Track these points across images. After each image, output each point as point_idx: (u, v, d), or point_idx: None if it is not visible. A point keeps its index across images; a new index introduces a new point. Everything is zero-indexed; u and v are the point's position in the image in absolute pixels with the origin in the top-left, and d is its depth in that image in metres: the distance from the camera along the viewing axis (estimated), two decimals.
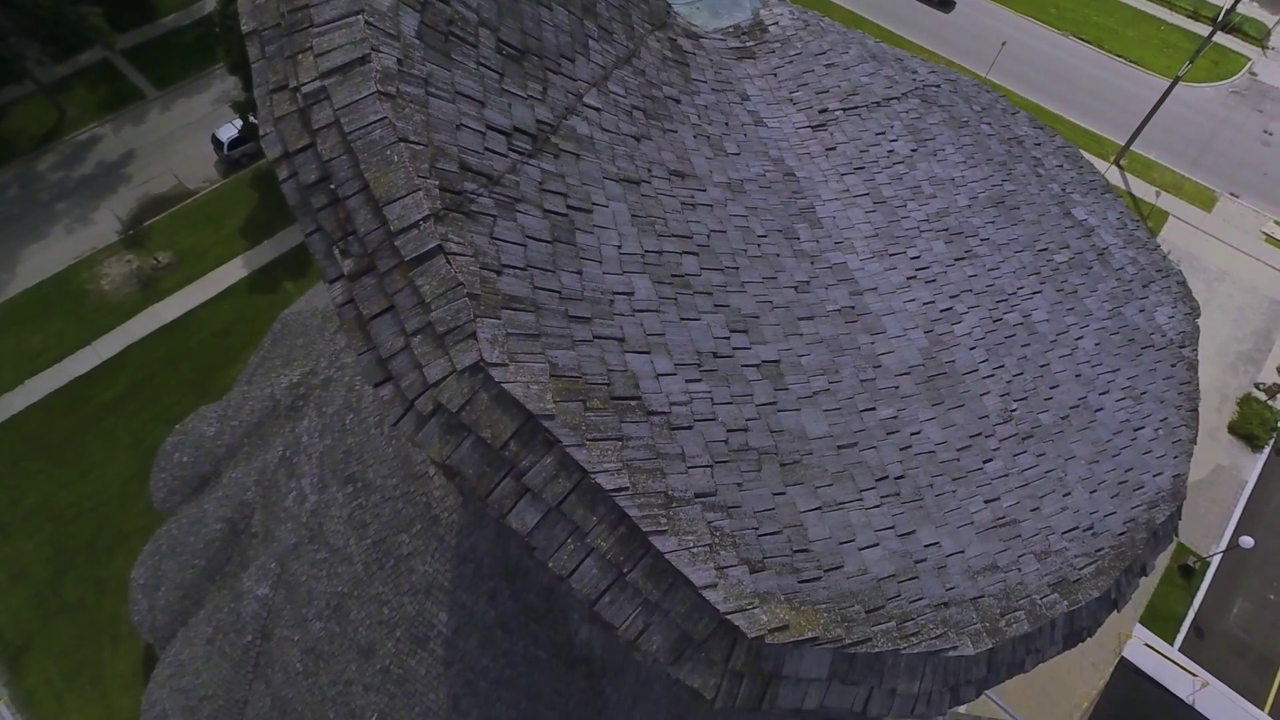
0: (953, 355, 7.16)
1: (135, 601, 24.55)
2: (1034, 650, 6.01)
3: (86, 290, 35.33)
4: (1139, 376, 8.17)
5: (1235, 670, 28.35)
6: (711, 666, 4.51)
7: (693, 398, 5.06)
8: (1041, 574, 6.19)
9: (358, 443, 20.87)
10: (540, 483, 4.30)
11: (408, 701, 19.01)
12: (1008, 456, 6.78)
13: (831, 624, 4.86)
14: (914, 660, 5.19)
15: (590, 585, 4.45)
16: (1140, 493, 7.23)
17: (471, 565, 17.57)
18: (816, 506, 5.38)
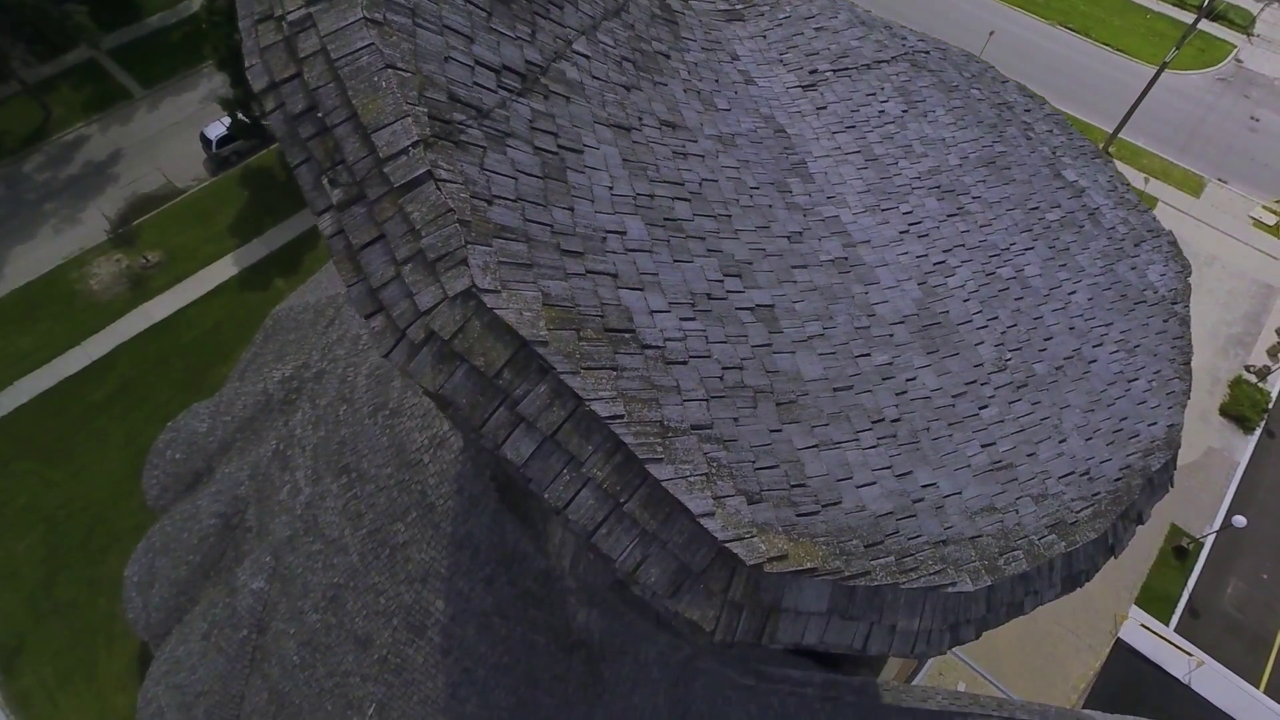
0: (946, 306, 7.15)
1: (129, 599, 24.35)
2: (1033, 592, 6.00)
3: (75, 290, 35.11)
4: (1132, 330, 8.18)
5: (1231, 649, 28.50)
6: (710, 598, 4.47)
7: (687, 335, 5.03)
8: (1039, 516, 6.18)
9: (352, 433, 20.77)
10: (534, 411, 4.25)
11: (405, 691, 18.91)
12: (1003, 403, 6.78)
13: (830, 556, 4.83)
14: (913, 596, 5.17)
15: (587, 516, 4.41)
16: (1135, 441, 7.24)
17: (468, 552, 17.49)
18: (813, 444, 5.36)
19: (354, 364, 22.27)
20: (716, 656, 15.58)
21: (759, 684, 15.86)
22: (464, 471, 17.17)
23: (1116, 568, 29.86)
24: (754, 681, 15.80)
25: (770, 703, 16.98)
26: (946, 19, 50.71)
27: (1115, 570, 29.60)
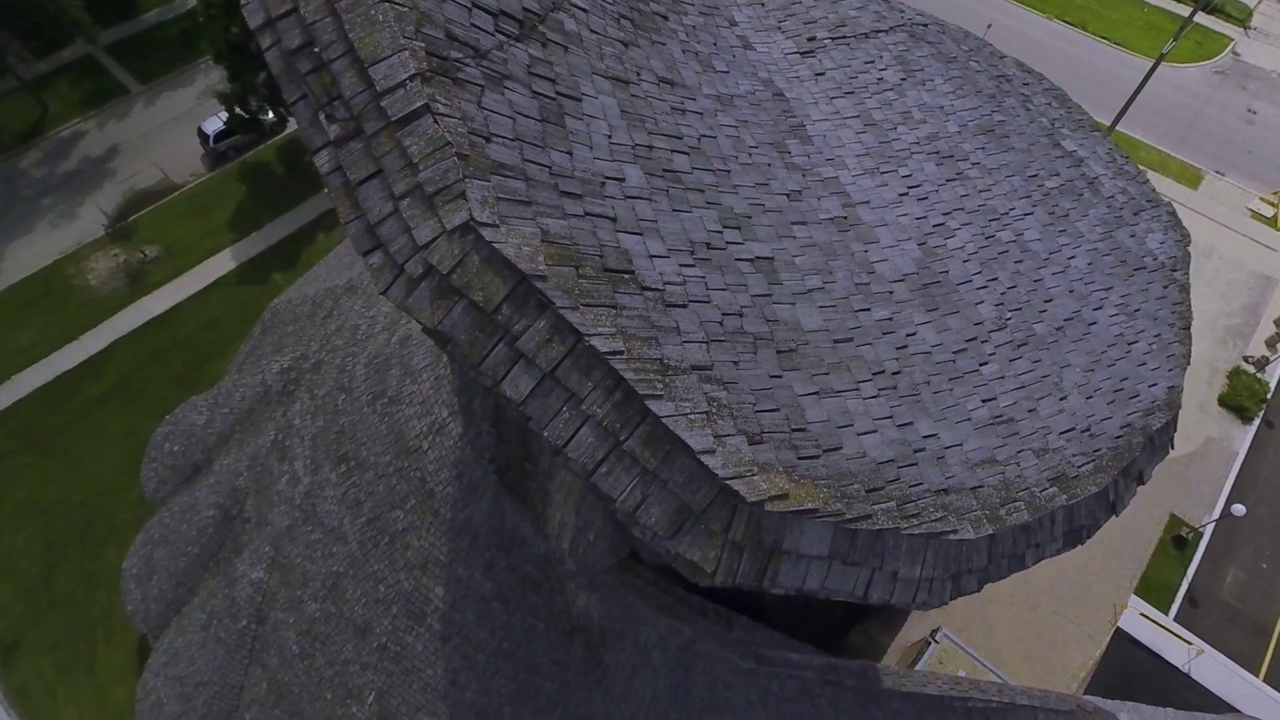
0: (946, 266, 7.13)
1: (128, 592, 24.30)
2: (1034, 545, 5.97)
3: (72, 285, 35.07)
4: (1132, 295, 8.17)
5: (1230, 638, 28.52)
6: (711, 538, 4.44)
7: (687, 280, 4.99)
8: (1040, 469, 6.15)
9: (350, 422, 20.73)
10: (534, 347, 4.22)
11: (405, 678, 18.86)
12: (1004, 361, 6.76)
13: (831, 499, 4.81)
14: (915, 543, 5.14)
15: (587, 454, 4.38)
16: (1136, 400, 7.22)
17: (467, 537, 17.46)
18: (813, 392, 5.33)
19: (352, 354, 22.23)
20: (716, 639, 15.54)
21: (759, 667, 15.83)
22: (463, 457, 17.13)
23: (1116, 557, 29.88)
24: (754, 665, 15.77)
25: (770, 687, 16.95)
26: (943, 12, 50.62)
27: (1115, 560, 29.62)
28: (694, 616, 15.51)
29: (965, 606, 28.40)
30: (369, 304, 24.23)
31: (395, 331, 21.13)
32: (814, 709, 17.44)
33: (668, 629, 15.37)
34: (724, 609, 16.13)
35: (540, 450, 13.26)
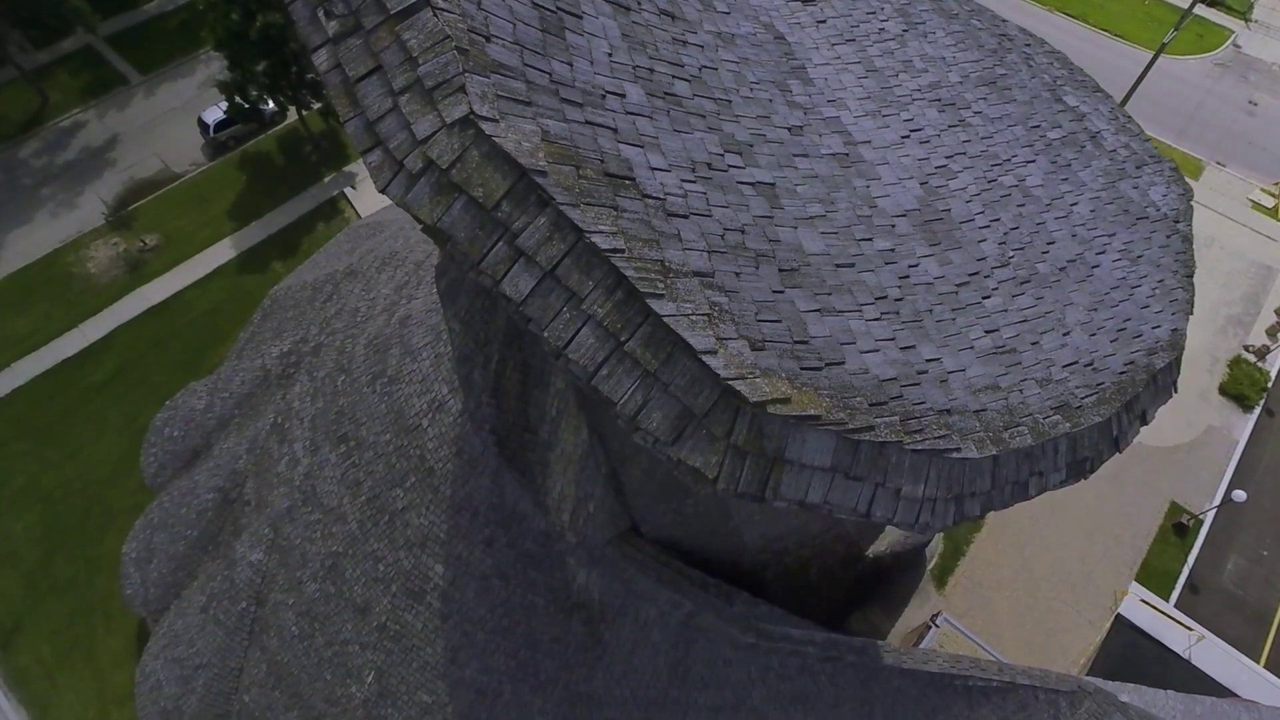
0: (949, 204, 7.09)
1: (127, 575, 24.25)
2: (1038, 473, 5.93)
3: (72, 273, 35.05)
4: (1134, 243, 8.13)
5: (1230, 625, 28.49)
6: (713, 443, 4.40)
7: (688, 194, 4.95)
8: (1043, 398, 6.11)
9: (350, 403, 20.69)
10: (534, 245, 4.18)
11: (405, 657, 18.82)
12: (1006, 296, 6.72)
13: (834, 408, 4.76)
14: (918, 460, 5.10)
15: (588, 355, 4.33)
16: (1139, 340, 7.18)
17: (467, 514, 17.41)
18: (815, 309, 5.29)
19: (352, 335, 22.20)
20: (717, 613, 15.50)
21: (760, 642, 15.79)
22: (463, 434, 17.09)
23: (1117, 544, 29.84)
24: (754, 639, 15.72)
25: (770, 663, 16.91)
26: None
27: (1115, 547, 29.58)
28: (694, 590, 15.46)
29: (966, 592, 28.39)
30: (369, 287, 24.21)
31: (395, 312, 21.10)
32: (815, 686, 17.41)
33: (668, 603, 15.31)
34: (724, 584, 16.10)
35: (540, 420, 13.23)
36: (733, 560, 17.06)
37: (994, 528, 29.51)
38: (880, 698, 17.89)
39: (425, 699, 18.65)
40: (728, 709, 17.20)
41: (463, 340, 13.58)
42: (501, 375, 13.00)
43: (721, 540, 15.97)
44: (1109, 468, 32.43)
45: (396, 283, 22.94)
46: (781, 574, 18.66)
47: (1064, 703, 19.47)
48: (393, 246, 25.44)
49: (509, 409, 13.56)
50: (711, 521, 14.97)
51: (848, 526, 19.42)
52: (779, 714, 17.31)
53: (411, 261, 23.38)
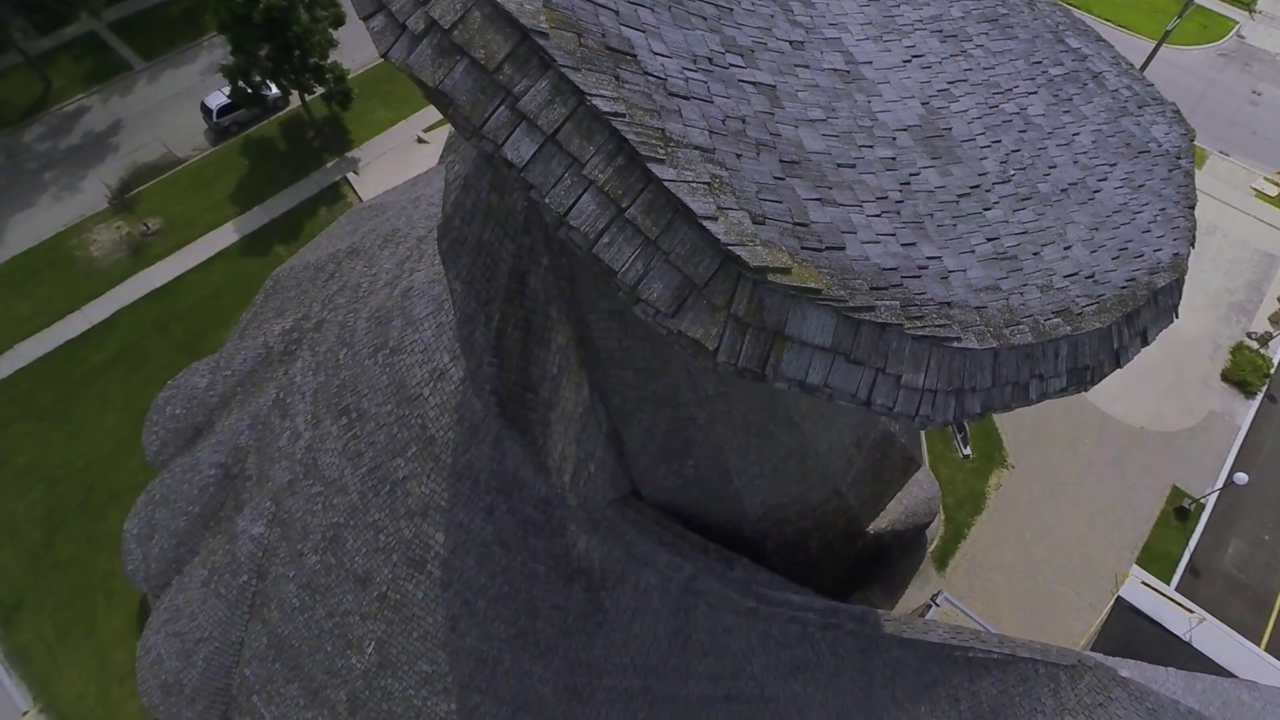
0: (950, 124, 7.09)
1: (128, 552, 24.26)
2: (1038, 375, 5.91)
3: (75, 257, 35.11)
4: (1136, 173, 8.12)
5: (1231, 608, 28.44)
6: (714, 314, 4.39)
7: (689, 80, 4.93)
8: (1044, 302, 6.09)
9: (352, 375, 20.71)
10: (535, 108, 4.18)
11: (405, 627, 18.83)
12: (1007, 209, 6.70)
13: (834, 286, 4.76)
14: (919, 348, 5.09)
15: (589, 222, 4.33)
16: (1140, 260, 7.17)
17: (468, 482, 17.43)
18: (816, 198, 5.28)
19: (354, 310, 22.21)
20: (718, 577, 15.50)
21: (760, 606, 15.79)
22: (465, 401, 17.11)
23: (1118, 528, 29.80)
24: (755, 604, 15.73)
25: (770, 631, 16.90)
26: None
27: (1116, 531, 29.53)
28: (695, 554, 15.47)
29: (966, 575, 28.36)
30: (371, 264, 24.23)
31: (397, 285, 21.11)
32: (815, 655, 17.41)
33: (669, 566, 15.31)
34: (725, 549, 16.11)
35: (542, 378, 13.25)
36: (734, 528, 17.06)
37: (995, 511, 29.49)
38: (880, 668, 17.88)
39: (425, 668, 18.66)
40: (728, 677, 17.20)
41: (465, 300, 13.60)
42: (503, 334, 13.01)
43: (722, 506, 15.97)
44: (1110, 452, 32.29)
45: (398, 258, 22.97)
46: (782, 545, 18.67)
47: (1064, 676, 19.46)
48: (395, 225, 25.46)
49: (510, 368, 13.57)
50: (712, 484, 14.98)
51: (849, 499, 19.41)
52: (779, 683, 17.31)
53: (414, 238, 23.39)
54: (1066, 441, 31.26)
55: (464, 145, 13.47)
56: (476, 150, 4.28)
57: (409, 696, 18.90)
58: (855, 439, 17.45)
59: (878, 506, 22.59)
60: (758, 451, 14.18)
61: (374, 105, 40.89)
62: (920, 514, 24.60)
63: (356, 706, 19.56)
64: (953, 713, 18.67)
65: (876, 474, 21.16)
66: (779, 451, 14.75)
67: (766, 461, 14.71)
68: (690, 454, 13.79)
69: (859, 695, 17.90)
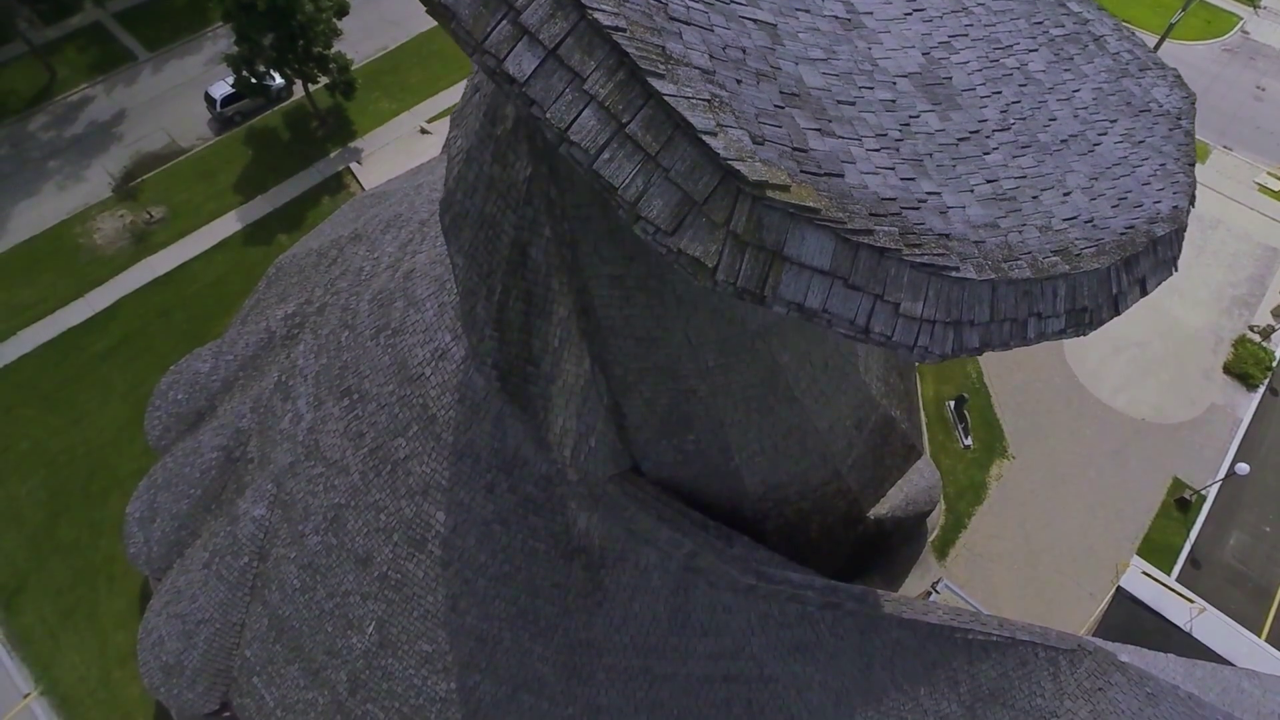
0: (950, 74, 7.11)
1: (130, 535, 24.32)
2: (1036, 313, 5.92)
3: (79, 244, 35.21)
4: (1136, 130, 8.14)
5: (1232, 599, 28.40)
6: (713, 230, 4.42)
7: (690, 9, 4.96)
8: (1042, 241, 6.11)
9: (354, 357, 20.77)
10: (537, 22, 4.20)
11: (405, 607, 18.89)
12: (1007, 155, 6.73)
13: (833, 207, 4.78)
14: (917, 277, 5.11)
15: (589, 138, 4.36)
16: (1140, 210, 7.18)
17: (469, 460, 17.47)
18: (816, 128, 5.30)
19: (356, 293, 22.28)
20: (717, 554, 15.51)
21: (760, 584, 15.80)
22: (466, 380, 17.15)
23: (1118, 518, 29.79)
24: (755, 581, 15.73)
25: (770, 611, 16.91)
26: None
27: (1117, 521, 29.51)
28: (695, 530, 15.48)
29: (966, 564, 28.35)
30: (373, 248, 24.29)
31: (399, 268, 21.17)
32: (814, 635, 17.42)
33: (669, 542, 15.33)
34: (724, 527, 16.12)
35: (543, 351, 13.28)
36: (734, 507, 17.08)
37: (995, 501, 29.48)
38: (879, 649, 17.89)
39: (425, 648, 18.71)
40: (727, 657, 17.23)
41: (467, 274, 13.64)
42: (504, 307, 13.05)
43: (722, 483, 15.99)
44: (1111, 443, 32.22)
45: (400, 241, 23.03)
46: (782, 526, 18.67)
47: (1064, 660, 19.46)
48: (397, 210, 25.53)
49: (512, 342, 13.60)
50: (712, 460, 15.00)
51: (849, 481, 19.41)
52: (778, 663, 17.33)
53: (416, 221, 23.46)
54: (1068, 433, 31.24)
55: (466, 120, 13.50)
56: (478, 66, 4.30)
57: (409, 676, 18.95)
58: (855, 420, 17.47)
59: (878, 492, 22.59)
60: (758, 427, 14.20)
61: (377, 96, 40.98)
62: (921, 502, 24.61)
63: (357, 686, 19.62)
64: (952, 695, 18.68)
65: (877, 458, 21.17)
66: (779, 428, 14.77)
67: (767, 438, 14.73)
68: (691, 428, 13.81)
69: (858, 676, 17.92)
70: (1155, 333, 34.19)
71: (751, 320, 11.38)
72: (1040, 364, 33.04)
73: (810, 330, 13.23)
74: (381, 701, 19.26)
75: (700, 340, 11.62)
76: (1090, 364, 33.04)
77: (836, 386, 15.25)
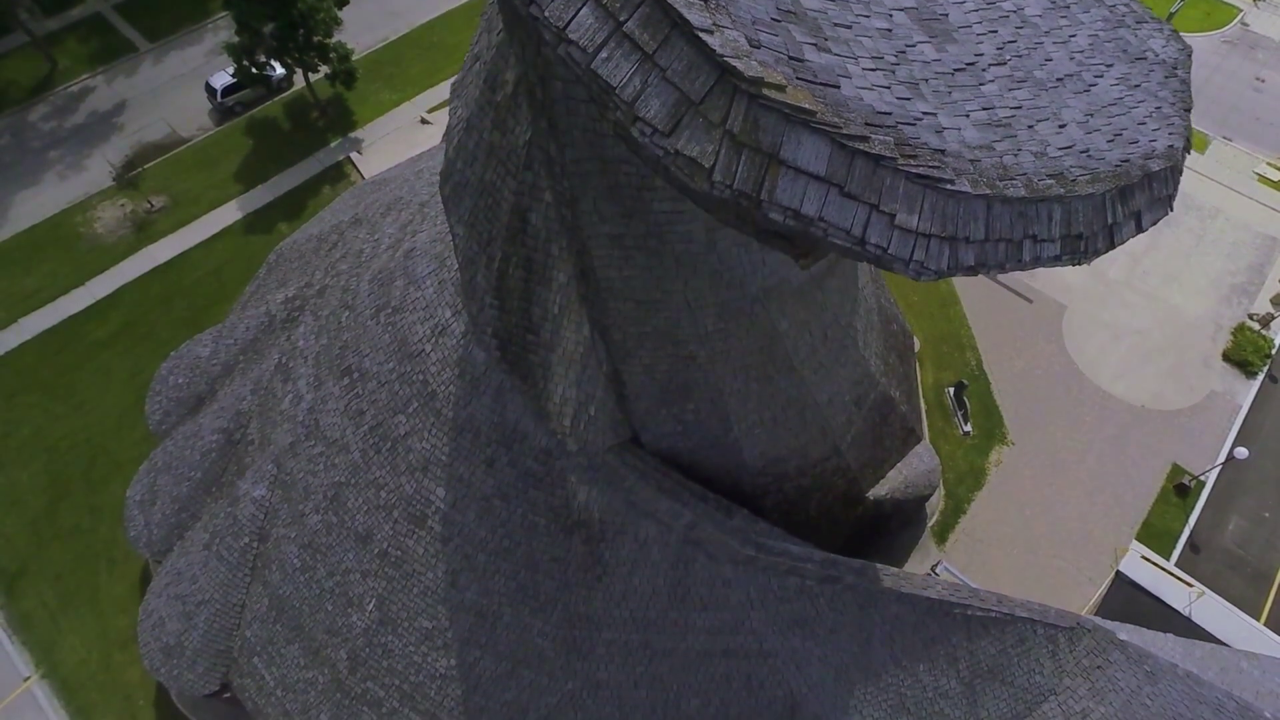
0: (946, 10, 7.13)
1: (131, 518, 24.33)
2: (1031, 235, 5.94)
3: (80, 233, 35.27)
4: (1132, 74, 8.17)
5: (1231, 584, 28.42)
6: (710, 131, 4.45)
7: None
8: (1038, 165, 6.14)
9: (354, 336, 20.80)
10: None
11: (405, 583, 18.92)
12: (1003, 88, 6.75)
13: (829, 112, 4.82)
14: (912, 189, 5.14)
15: (587, 36, 4.40)
16: (1135, 146, 7.22)
17: (469, 435, 17.51)
18: (812, 43, 5.33)
19: (357, 274, 22.31)
20: (717, 525, 15.57)
21: (759, 555, 15.85)
22: (467, 354, 17.20)
23: (1117, 504, 29.81)
24: (754, 552, 15.79)
25: (769, 584, 16.96)
26: None
27: (1116, 507, 29.53)
28: (695, 501, 15.53)
29: (965, 549, 28.37)
30: (373, 230, 24.34)
31: (399, 247, 21.21)
32: (813, 609, 17.46)
33: (668, 512, 15.38)
34: (724, 500, 16.17)
35: (543, 319, 13.32)
36: (733, 481, 17.12)
37: (995, 487, 29.51)
38: (878, 624, 17.93)
39: (426, 624, 18.74)
40: (726, 631, 17.27)
41: (467, 244, 13.68)
42: (505, 274, 13.09)
43: (722, 456, 16.04)
44: (1111, 430, 32.22)
45: (401, 223, 23.07)
46: (781, 503, 18.72)
47: (1063, 638, 19.49)
48: (398, 194, 25.57)
49: (512, 310, 13.64)
50: (712, 431, 15.04)
51: (848, 459, 19.46)
52: (777, 637, 17.37)
53: (416, 203, 23.50)
54: (1067, 419, 31.27)
55: (466, 89, 13.54)
56: None
57: (409, 653, 18.99)
58: (855, 396, 17.51)
59: (877, 473, 22.63)
60: (757, 397, 14.23)
61: (378, 87, 41.03)
62: (920, 485, 24.63)
63: (357, 664, 19.66)
64: (951, 672, 18.72)
65: (876, 438, 21.21)
66: (779, 399, 14.80)
67: (766, 409, 14.76)
68: (690, 397, 13.85)
69: (857, 652, 17.96)
70: (1155, 320, 34.24)
71: (751, 283, 11.43)
72: (1040, 351, 33.10)
73: (809, 297, 13.27)
74: (381, 679, 19.30)
75: (699, 303, 11.67)
76: (1090, 351, 33.08)
77: (835, 359, 15.28)
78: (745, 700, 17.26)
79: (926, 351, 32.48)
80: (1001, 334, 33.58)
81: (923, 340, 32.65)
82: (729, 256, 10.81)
